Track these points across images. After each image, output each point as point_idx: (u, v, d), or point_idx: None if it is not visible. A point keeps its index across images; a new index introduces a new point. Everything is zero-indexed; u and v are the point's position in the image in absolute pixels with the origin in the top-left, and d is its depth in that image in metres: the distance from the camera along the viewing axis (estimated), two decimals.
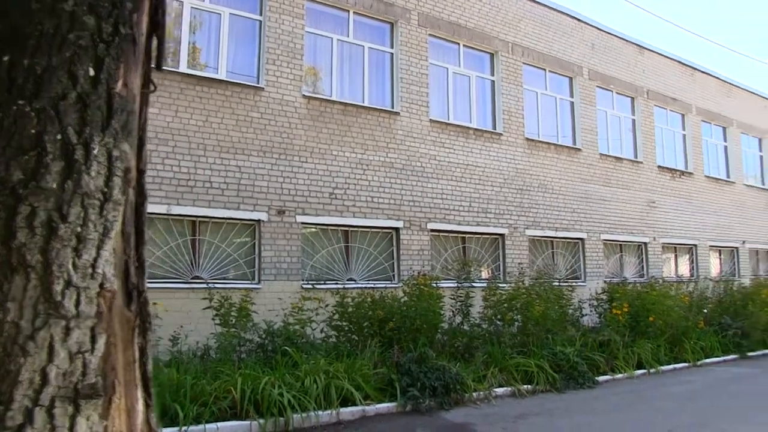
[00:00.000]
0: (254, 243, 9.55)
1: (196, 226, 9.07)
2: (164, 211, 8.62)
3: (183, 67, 9.20)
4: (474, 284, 10.10)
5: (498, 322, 9.76)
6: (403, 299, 8.90)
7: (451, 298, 9.59)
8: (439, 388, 7.63)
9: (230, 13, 9.84)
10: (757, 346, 12.52)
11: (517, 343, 9.50)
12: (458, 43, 12.83)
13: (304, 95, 10.30)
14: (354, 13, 11.26)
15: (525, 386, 8.54)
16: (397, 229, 11.10)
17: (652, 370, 10.23)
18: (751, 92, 21.99)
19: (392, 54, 11.72)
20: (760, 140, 22.19)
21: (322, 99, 10.55)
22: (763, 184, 21.97)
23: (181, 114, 8.97)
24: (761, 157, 22.21)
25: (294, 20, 10.37)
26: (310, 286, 9.21)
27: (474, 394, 7.95)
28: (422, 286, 8.96)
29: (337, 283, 9.66)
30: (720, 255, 19.58)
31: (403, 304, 8.78)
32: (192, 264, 8.96)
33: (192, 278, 8.89)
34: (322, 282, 9.72)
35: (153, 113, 8.66)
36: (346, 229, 10.59)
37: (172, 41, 9.30)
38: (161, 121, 8.75)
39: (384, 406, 7.28)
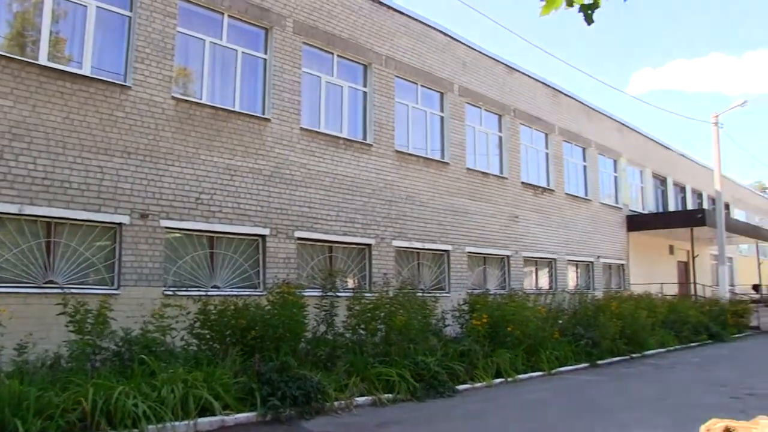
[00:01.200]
0: (114, 247, 9.80)
1: (51, 227, 9.18)
2: (16, 211, 8.68)
3: (43, 59, 9.27)
4: (339, 294, 10.87)
5: (362, 332, 10.41)
6: (267, 307, 9.30)
7: (315, 307, 10.29)
8: (300, 398, 8.00)
9: (97, 6, 9.99)
10: (606, 355, 14.29)
11: (379, 352, 10.13)
12: (332, 53, 13.77)
13: (173, 97, 10.69)
14: (229, 16, 11.81)
15: (386, 395, 9.13)
16: (263, 237, 11.75)
17: (509, 379, 11.25)
18: (609, 116, 25.06)
19: (266, 60, 12.39)
20: (615, 161, 25.29)
21: (191, 102, 10.99)
22: (617, 202, 25.05)
23: (39, 109, 9.07)
24: (615, 177, 25.35)
25: (166, 19, 10.71)
26: (171, 293, 9.52)
27: (335, 403, 8.41)
28: (286, 295, 9.41)
29: (200, 290, 10.05)
30: (577, 269, 22.09)
31: (266, 313, 9.17)
32: (46, 268, 9.07)
33: (45, 283, 8.98)
34: (185, 289, 10.10)
35: (7, 106, 8.75)
36: (212, 235, 11.09)
37: (31, 29, 9.36)
38: (16, 115, 8.82)
39: (244, 416, 7.58)
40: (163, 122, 10.49)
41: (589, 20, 3.17)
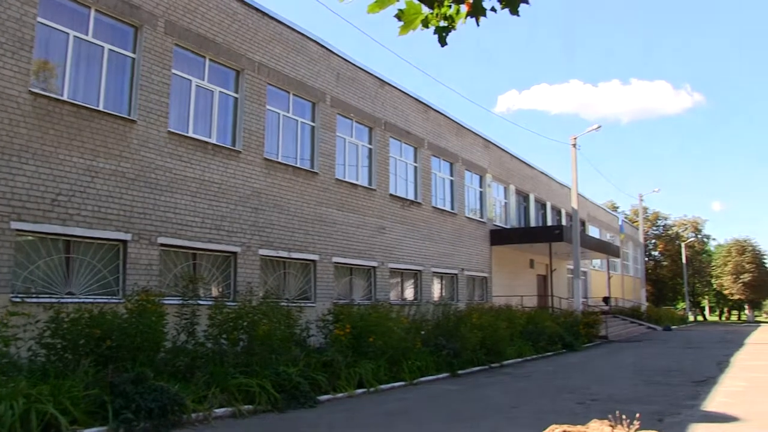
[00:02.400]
0: None
1: None
2: None
3: None
4: (202, 302, 11.17)
5: (224, 342, 10.58)
6: (125, 316, 9.32)
7: (176, 316, 10.49)
8: (156, 410, 7.99)
9: None
10: (467, 365, 15.36)
11: (241, 362, 10.25)
12: (205, 57, 14.13)
13: (30, 91, 10.58)
14: (96, 10, 11.81)
15: (246, 407, 9.30)
16: (125, 242, 11.86)
17: (372, 389, 11.71)
18: (476, 134, 27.09)
19: (134, 59, 12.53)
20: (481, 177, 27.33)
21: (51, 98, 10.91)
22: (482, 217, 27.07)
23: None
24: (481, 192, 27.38)
25: (24, 7, 10.51)
26: (20, 300, 9.31)
27: (193, 415, 8.49)
28: (145, 303, 9.50)
29: (52, 297, 9.95)
30: (442, 280, 23.64)
31: (124, 321, 9.18)
32: None
33: None
34: (36, 295, 9.93)
35: None
36: (69, 239, 11.05)
37: None
38: None
39: (93, 431, 7.50)
40: (18, 118, 10.32)
41: (442, 42, 3.32)
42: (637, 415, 5.22)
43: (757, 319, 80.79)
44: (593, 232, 43.80)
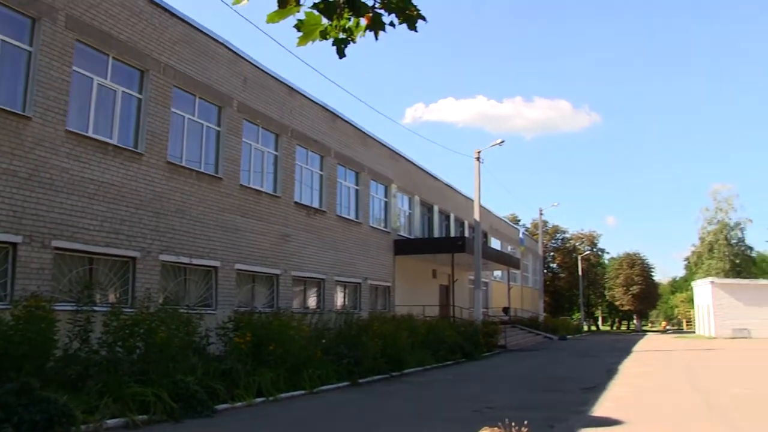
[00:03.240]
0: None
1: None
2: None
3: None
4: (97, 308, 10.93)
5: (119, 349, 10.33)
6: (11, 323, 9.02)
7: (69, 323, 10.25)
8: (42, 422, 7.73)
9: None
10: (368, 374, 15.63)
11: (137, 371, 10.05)
12: (108, 55, 13.86)
13: None
14: None
15: (141, 417, 9.15)
16: (14, 245, 11.49)
17: (271, 398, 11.75)
18: (383, 144, 27.72)
19: (31, 53, 12.17)
20: (386, 187, 27.96)
21: None
22: (386, 227, 27.68)
23: None
24: (386, 202, 28.01)
25: None
26: None
27: (83, 426, 8.29)
28: (34, 309, 9.22)
29: None
30: (345, 289, 24.00)
31: (9, 328, 8.90)
32: None
33: None
34: None
35: None
36: None
37: None
38: None
39: None
40: None
41: (341, 54, 3.34)
42: (525, 422, 5.71)
43: (644, 328, 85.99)
44: (495, 244, 45.48)
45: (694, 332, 54.40)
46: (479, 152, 29.89)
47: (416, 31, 3.26)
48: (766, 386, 13.42)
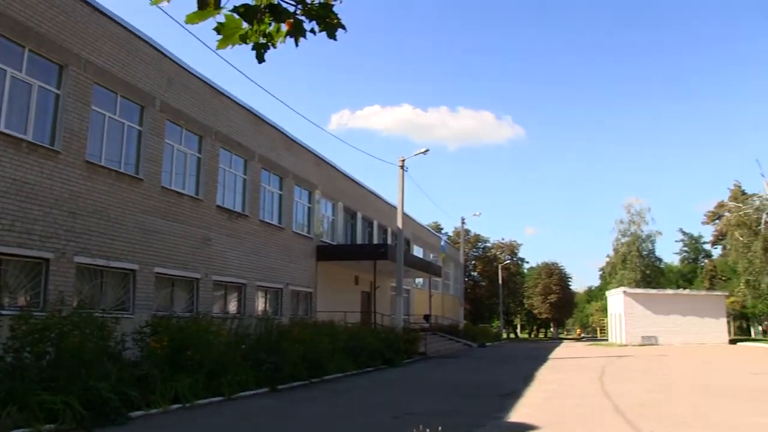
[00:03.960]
0: None
1: None
2: None
3: None
4: (4, 312, 10.63)
5: (27, 355, 9.99)
6: None
7: None
8: None
9: None
10: (288, 380, 15.55)
11: (46, 377, 9.71)
12: (24, 47, 13.42)
13: None
14: None
15: (48, 426, 8.82)
16: None
17: (188, 404, 11.53)
18: (308, 149, 27.88)
19: None
20: (310, 193, 28.10)
21: None
22: (309, 232, 27.80)
23: None
24: (309, 208, 28.15)
25: None
26: None
27: None
28: None
29: None
30: (266, 295, 23.97)
31: None
32: None
33: None
34: None
35: None
36: None
37: None
38: None
39: None
40: None
41: (260, 59, 3.34)
42: (440, 429, 6.05)
43: (561, 336, 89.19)
44: (417, 251, 46.25)
45: (607, 340, 56.73)
46: (403, 160, 30.41)
47: (335, 39, 3.33)
48: (670, 391, 14.29)
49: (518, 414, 10.94)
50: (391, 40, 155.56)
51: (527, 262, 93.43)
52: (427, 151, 31.50)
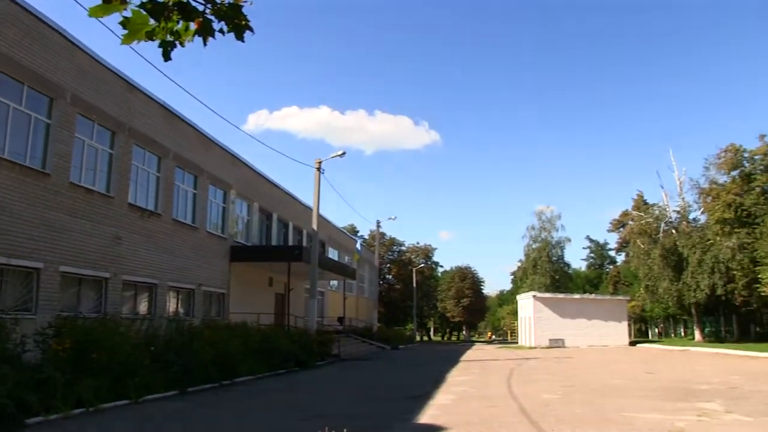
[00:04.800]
0: None
1: None
2: None
3: None
4: None
5: None
6: None
7: None
8: None
9: None
10: (199, 382, 15.42)
11: None
12: None
13: None
14: None
15: None
16: None
17: (92, 409, 11.16)
18: (224, 149, 27.65)
19: None
20: (225, 192, 27.86)
21: None
22: (223, 233, 27.56)
23: None
24: (224, 208, 27.90)
25: None
26: None
27: None
28: None
29: None
30: (178, 295, 23.61)
31: None
32: None
33: None
34: None
35: None
36: None
37: None
38: None
39: None
40: None
41: (166, 57, 3.27)
42: (344, 430, 6.26)
43: (473, 339, 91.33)
44: (333, 254, 46.44)
45: (517, 342, 58.58)
46: (320, 162, 30.52)
47: (243, 41, 3.31)
48: (572, 391, 15.05)
49: (427, 416, 11.19)
50: (312, 41, 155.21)
51: (441, 266, 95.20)
52: (343, 153, 31.71)
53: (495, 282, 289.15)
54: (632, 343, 49.35)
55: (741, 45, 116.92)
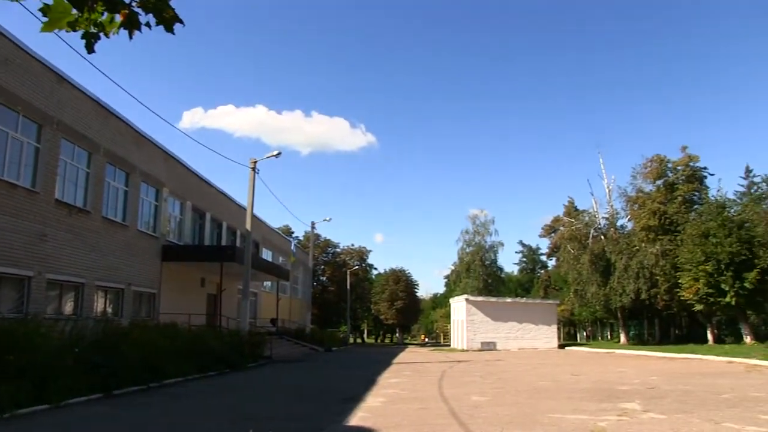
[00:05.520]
0: None
1: None
2: None
3: None
4: None
5: None
6: None
7: None
8: None
9: None
10: (126, 384, 15.07)
11: None
12: None
13: None
14: None
15: None
16: None
17: (7, 415, 10.71)
18: (157, 146, 27.16)
19: None
20: (157, 190, 27.37)
21: None
22: (155, 231, 27.06)
23: None
24: (156, 206, 27.40)
25: None
26: None
27: None
28: None
29: None
30: (107, 295, 23.06)
31: None
32: None
33: None
34: None
35: None
36: None
37: None
38: None
39: None
40: None
41: (89, 49, 3.19)
42: None
43: (406, 341, 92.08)
44: (267, 254, 46.11)
45: (449, 345, 59.39)
46: (255, 162, 30.31)
47: (173, 33, 3.25)
48: (501, 393, 15.44)
49: (357, 418, 11.25)
50: (249, 40, 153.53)
51: (376, 269, 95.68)
52: (279, 154, 31.57)
53: (429, 285, 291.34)
54: (561, 346, 50.77)
55: (669, 61, 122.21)
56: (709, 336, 40.98)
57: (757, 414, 10.73)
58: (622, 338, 50.48)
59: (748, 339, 36.32)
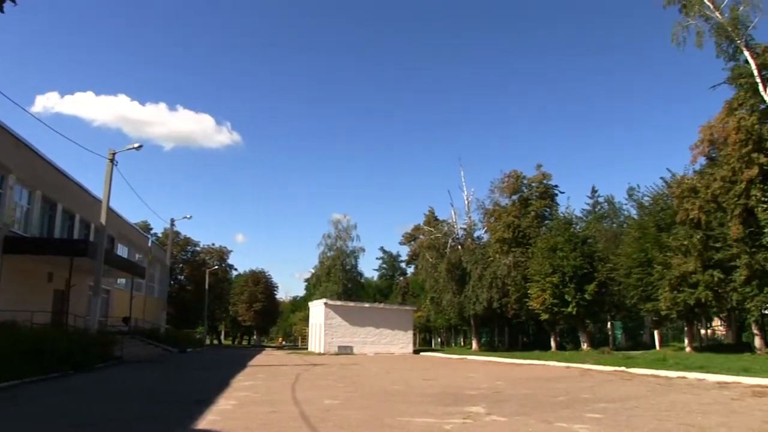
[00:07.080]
0: None
1: None
2: None
3: None
4: None
5: None
6: None
7: None
8: None
9: None
10: None
11: None
12: None
13: None
14: None
15: None
16: None
17: None
18: (6, 129, 25.33)
19: None
20: (2, 177, 25.49)
21: None
22: None
23: None
24: (1, 194, 25.49)
25: None
26: None
27: None
28: None
29: None
30: None
31: None
32: None
33: None
34: None
35: None
36: None
37: None
38: None
39: None
40: None
41: None
42: None
43: (264, 344, 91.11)
44: (122, 250, 44.14)
45: (307, 348, 59.44)
46: (114, 153, 29.06)
47: (3, 12, 3.14)
48: (354, 397, 15.72)
49: (206, 421, 11.08)
50: (114, 23, 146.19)
51: (236, 269, 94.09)
52: (140, 146, 30.42)
53: (289, 288, 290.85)
54: (416, 352, 52.22)
55: (532, 89, 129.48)
56: (552, 343, 43.71)
57: (585, 413, 11.72)
58: (474, 345, 52.62)
59: (585, 346, 39.16)
